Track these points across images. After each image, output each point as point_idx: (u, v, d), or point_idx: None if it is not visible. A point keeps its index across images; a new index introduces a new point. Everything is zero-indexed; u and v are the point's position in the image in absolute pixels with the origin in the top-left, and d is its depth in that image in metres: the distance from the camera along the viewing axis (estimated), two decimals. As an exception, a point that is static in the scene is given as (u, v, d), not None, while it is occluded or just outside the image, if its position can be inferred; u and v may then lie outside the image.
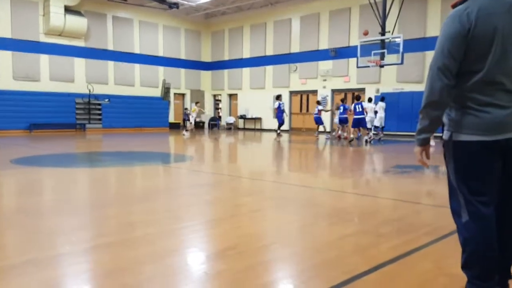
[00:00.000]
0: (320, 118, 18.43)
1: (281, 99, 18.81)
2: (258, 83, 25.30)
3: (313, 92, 22.90)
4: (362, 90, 20.33)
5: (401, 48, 15.74)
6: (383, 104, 16.07)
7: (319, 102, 19.22)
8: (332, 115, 20.49)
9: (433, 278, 2.60)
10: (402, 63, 16.23)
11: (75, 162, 9.58)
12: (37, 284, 2.47)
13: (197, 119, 23.30)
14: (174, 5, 22.18)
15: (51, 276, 2.59)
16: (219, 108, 28.36)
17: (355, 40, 19.30)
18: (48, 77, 20.78)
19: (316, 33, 22.35)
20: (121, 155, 10.68)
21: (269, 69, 24.71)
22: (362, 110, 14.63)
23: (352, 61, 19.83)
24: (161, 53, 25.34)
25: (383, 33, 16.66)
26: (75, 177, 7.12)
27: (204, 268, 2.77)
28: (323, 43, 22.11)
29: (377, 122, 15.87)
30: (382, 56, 16.53)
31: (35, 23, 20.21)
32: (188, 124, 19.94)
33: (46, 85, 20.65)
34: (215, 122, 26.91)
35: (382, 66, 17.01)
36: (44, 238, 3.40)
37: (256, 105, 25.36)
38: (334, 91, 22.10)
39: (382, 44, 16.53)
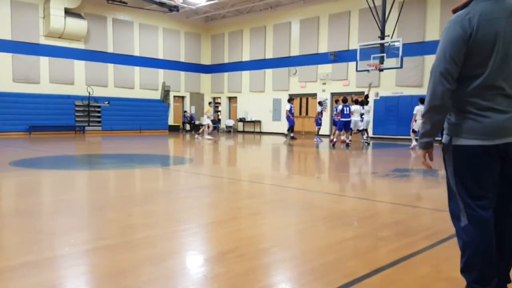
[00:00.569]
0: (320, 120, 18.42)
1: (293, 102, 18.77)
2: (258, 86, 25.33)
3: (313, 96, 22.93)
4: (362, 94, 20.33)
5: (401, 52, 15.78)
6: (368, 108, 15.82)
7: (321, 103, 19.13)
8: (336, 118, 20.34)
9: (433, 282, 2.61)
10: (401, 67, 16.27)
11: (75, 165, 9.57)
12: (36, 286, 2.47)
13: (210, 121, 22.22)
14: (174, 8, 22.21)
15: (50, 278, 2.59)
16: (219, 111, 28.38)
17: (355, 44, 19.32)
18: (48, 80, 20.76)
19: (316, 37, 22.39)
20: (121, 158, 10.68)
21: (269, 72, 24.74)
22: (349, 113, 14.49)
23: (352, 65, 19.86)
24: (161, 56, 25.36)
25: (383, 37, 16.73)
26: (75, 180, 7.12)
27: (204, 271, 2.77)
28: (323, 47, 22.15)
29: (365, 125, 15.54)
30: (382, 60, 16.57)
31: (35, 26, 20.22)
32: (206, 129, 18.92)
33: (46, 88, 20.64)
34: (215, 125, 26.89)
35: (382, 70, 17.05)
36: (43, 240, 3.40)
37: (256, 108, 25.37)
38: (334, 95, 22.12)
39: (382, 48, 16.58)
